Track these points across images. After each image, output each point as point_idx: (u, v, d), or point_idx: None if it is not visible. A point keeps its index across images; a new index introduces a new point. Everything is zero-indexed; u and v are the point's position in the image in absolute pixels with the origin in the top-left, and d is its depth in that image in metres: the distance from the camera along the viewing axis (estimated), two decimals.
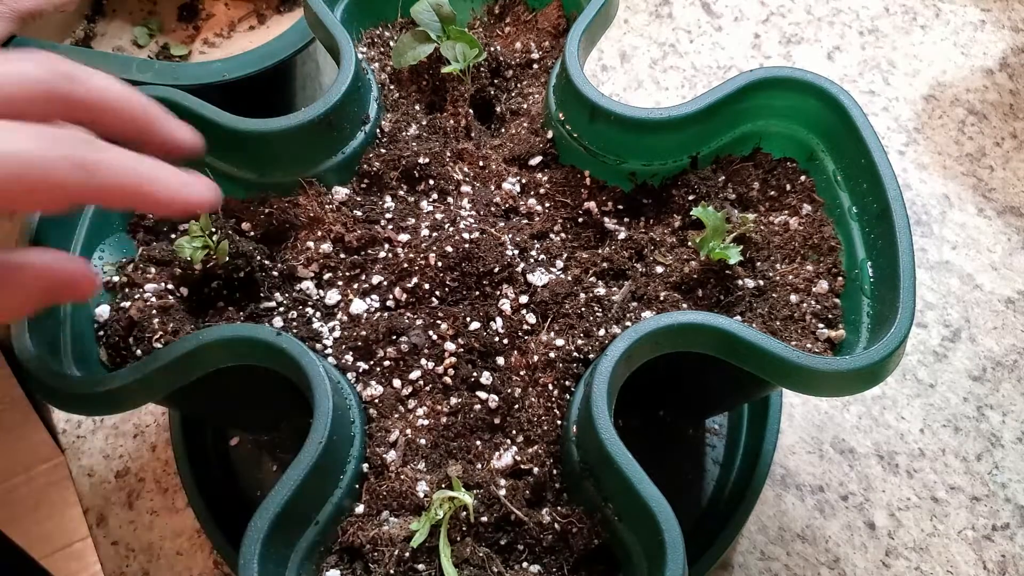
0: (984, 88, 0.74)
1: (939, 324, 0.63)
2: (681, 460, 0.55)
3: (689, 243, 0.45)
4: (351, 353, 0.42)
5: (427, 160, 0.47)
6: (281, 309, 0.44)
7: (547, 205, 0.48)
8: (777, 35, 0.78)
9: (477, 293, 0.44)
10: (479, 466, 0.40)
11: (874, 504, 0.56)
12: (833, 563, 0.54)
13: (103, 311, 0.41)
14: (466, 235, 0.44)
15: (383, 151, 0.48)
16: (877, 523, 0.56)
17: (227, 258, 0.42)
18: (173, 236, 0.45)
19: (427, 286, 0.44)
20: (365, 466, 0.39)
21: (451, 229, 0.45)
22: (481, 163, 0.49)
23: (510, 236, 0.45)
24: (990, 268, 0.65)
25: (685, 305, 0.43)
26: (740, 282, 0.43)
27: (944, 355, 0.62)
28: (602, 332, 0.42)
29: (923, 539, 0.55)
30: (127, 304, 0.41)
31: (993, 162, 0.70)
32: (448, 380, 0.42)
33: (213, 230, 0.43)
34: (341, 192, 0.46)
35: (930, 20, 0.79)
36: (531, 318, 0.43)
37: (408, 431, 0.40)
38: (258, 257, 0.44)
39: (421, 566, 0.36)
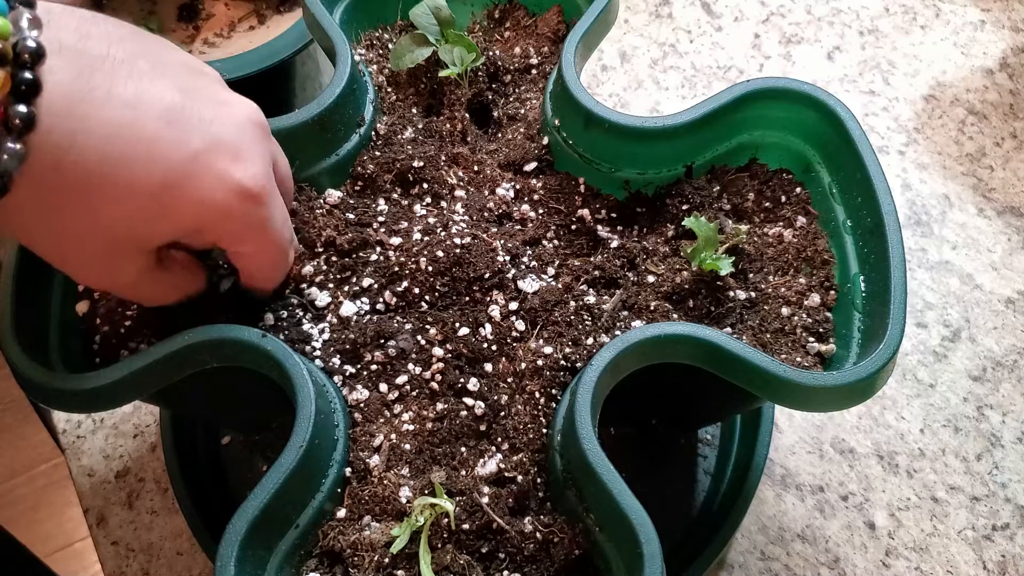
0: (984, 88, 0.74)
1: (939, 324, 0.63)
2: (672, 470, 0.55)
3: (681, 253, 0.44)
4: (339, 356, 0.42)
5: (422, 164, 0.47)
6: (271, 308, 0.44)
7: (540, 211, 0.47)
8: (777, 35, 0.78)
9: (467, 298, 0.44)
10: (463, 473, 0.40)
11: (874, 504, 0.56)
12: (833, 563, 0.54)
13: (83, 306, 0.41)
14: (457, 240, 0.44)
15: (377, 154, 0.48)
16: (877, 523, 0.55)
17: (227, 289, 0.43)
18: None
19: (417, 290, 0.43)
20: (348, 470, 0.39)
21: (443, 234, 0.44)
22: (476, 168, 0.49)
23: (502, 242, 0.45)
24: (990, 268, 0.65)
25: (675, 315, 0.43)
26: (732, 293, 0.43)
27: (944, 355, 0.62)
28: (590, 341, 0.42)
29: (923, 539, 0.55)
30: (104, 300, 0.41)
31: (993, 162, 0.70)
32: (435, 386, 0.42)
33: (225, 265, 0.43)
34: (334, 195, 0.46)
35: (930, 20, 0.79)
36: (520, 325, 0.43)
37: (393, 436, 0.40)
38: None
39: (401, 572, 0.36)
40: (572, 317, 0.43)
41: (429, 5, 0.51)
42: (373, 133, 0.49)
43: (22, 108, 0.28)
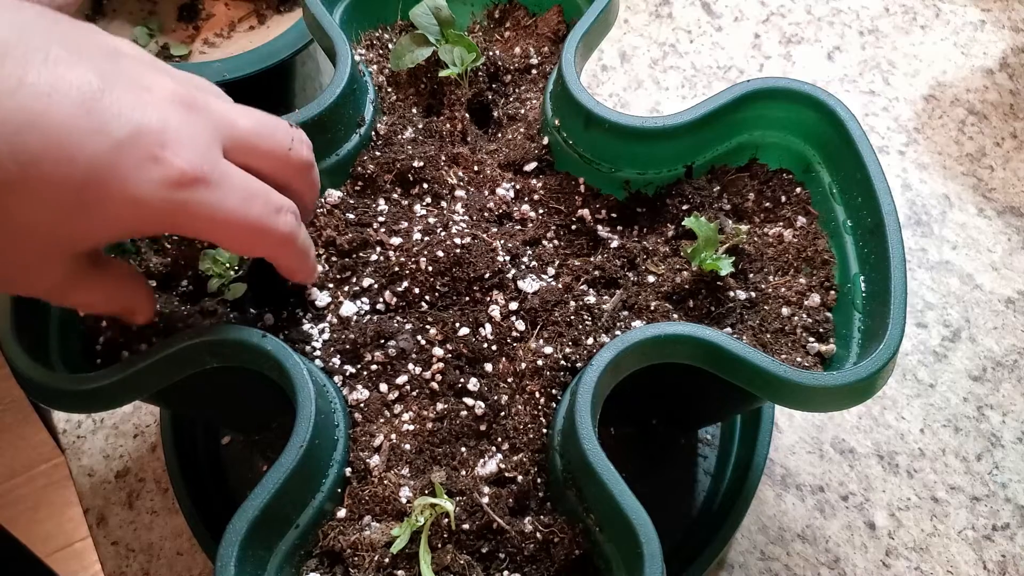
0: (984, 88, 0.74)
1: (939, 324, 0.63)
2: (672, 470, 0.55)
3: (682, 253, 0.44)
4: (339, 356, 0.42)
5: (422, 164, 0.47)
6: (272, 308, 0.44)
7: (541, 211, 0.47)
8: (777, 35, 0.78)
9: (467, 298, 0.44)
10: (463, 473, 0.40)
11: (874, 504, 0.56)
12: (833, 563, 0.54)
13: None
14: (458, 240, 0.44)
15: (378, 154, 0.48)
16: (877, 523, 0.55)
17: (237, 296, 0.43)
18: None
19: (417, 290, 0.44)
20: (348, 470, 0.39)
21: (443, 234, 0.44)
22: (476, 168, 0.49)
23: (502, 242, 0.45)
24: (990, 268, 0.65)
25: (676, 316, 0.43)
26: (732, 294, 0.43)
27: (944, 355, 0.62)
28: (590, 341, 0.42)
29: (923, 539, 0.55)
30: None
31: (993, 162, 0.70)
32: (435, 386, 0.42)
33: (237, 268, 0.43)
34: (334, 195, 0.46)
35: (930, 20, 0.79)
36: (520, 325, 0.43)
37: (393, 436, 0.40)
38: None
39: (401, 572, 0.36)
40: (572, 317, 0.43)
41: (429, 5, 0.50)
42: (373, 133, 0.49)
43: None
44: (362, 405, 0.41)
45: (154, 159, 0.30)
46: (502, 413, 0.41)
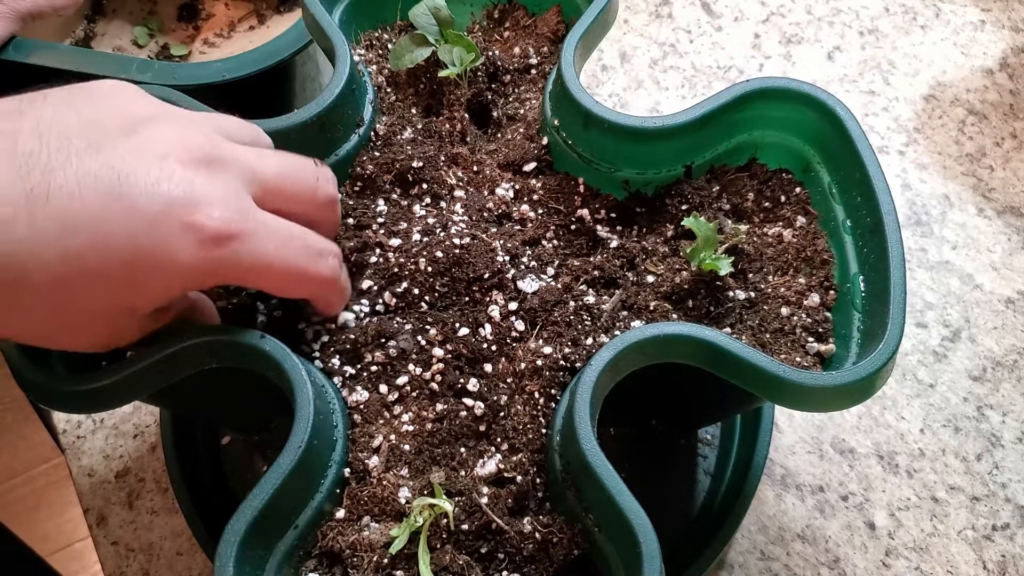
0: (984, 88, 0.74)
1: (939, 324, 0.63)
2: (672, 470, 0.55)
3: (681, 253, 0.44)
4: (338, 357, 0.42)
5: (421, 164, 0.47)
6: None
7: (540, 211, 0.47)
8: (777, 35, 0.78)
9: (467, 299, 0.44)
10: (462, 473, 0.40)
11: (874, 504, 0.56)
12: (833, 563, 0.54)
13: None
14: (457, 240, 0.44)
15: (377, 154, 0.48)
16: (877, 523, 0.55)
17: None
18: None
19: (417, 291, 0.44)
20: (347, 471, 0.39)
21: (442, 234, 0.44)
22: (475, 168, 0.49)
23: (501, 242, 0.45)
24: (990, 268, 0.65)
25: (675, 316, 0.43)
26: (731, 293, 0.43)
27: (944, 355, 0.62)
28: (590, 341, 0.42)
29: (923, 539, 0.55)
30: None
31: (993, 162, 0.70)
32: (435, 386, 0.42)
33: None
34: None
35: (930, 20, 0.79)
36: (520, 325, 0.43)
37: (392, 437, 0.40)
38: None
39: (400, 572, 0.36)
40: (571, 317, 0.43)
41: (428, 5, 0.51)
42: (372, 133, 0.49)
43: None
44: (361, 406, 0.41)
45: (188, 227, 0.32)
46: (501, 413, 0.41)
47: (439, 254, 0.43)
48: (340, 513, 0.38)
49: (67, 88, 0.33)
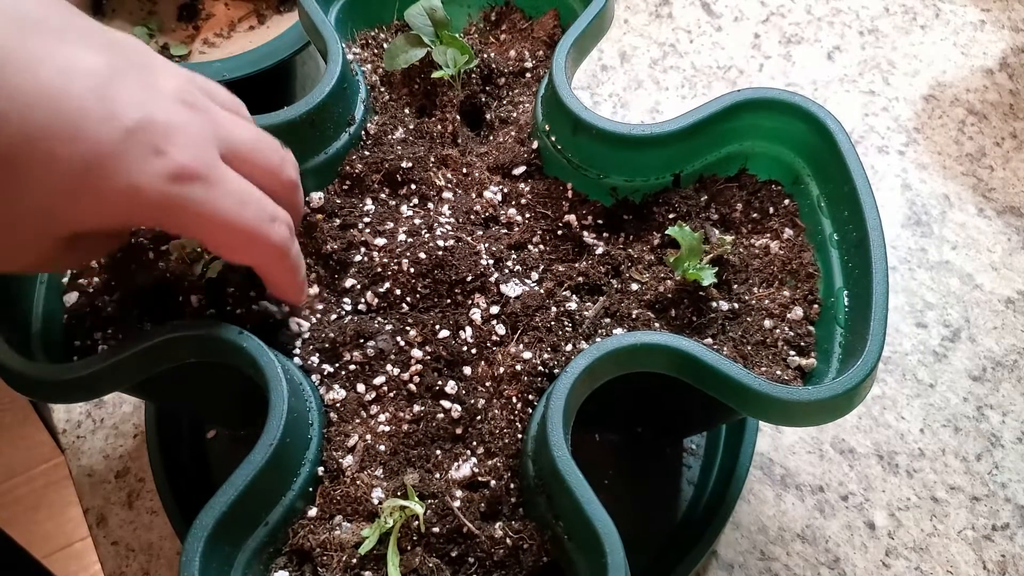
0: (984, 88, 0.74)
1: (939, 324, 0.62)
2: (656, 479, 0.55)
3: (666, 262, 0.44)
4: (317, 355, 0.42)
5: (410, 164, 0.47)
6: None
7: (527, 216, 0.47)
8: (777, 35, 0.78)
9: (448, 301, 0.44)
10: (437, 476, 0.40)
11: (874, 504, 0.56)
12: (833, 563, 0.54)
13: (71, 297, 0.41)
14: (441, 242, 0.44)
15: (367, 153, 0.48)
16: (877, 523, 0.55)
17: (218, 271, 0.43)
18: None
19: (399, 292, 0.43)
20: (321, 469, 0.39)
21: (427, 235, 0.44)
22: (465, 170, 0.48)
23: (486, 245, 0.45)
24: (990, 268, 0.65)
25: (657, 324, 0.42)
26: (714, 304, 0.43)
27: (944, 355, 0.61)
28: (569, 347, 0.42)
29: (923, 539, 0.55)
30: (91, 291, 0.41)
31: (993, 162, 0.70)
32: (412, 387, 0.42)
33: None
34: (315, 197, 0.46)
35: (930, 20, 0.78)
36: (500, 329, 0.43)
37: (368, 437, 0.40)
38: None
39: (368, 573, 0.36)
40: (553, 323, 0.43)
41: (424, 6, 0.50)
42: (363, 132, 0.49)
43: None
44: (338, 405, 0.41)
45: (157, 151, 0.31)
46: (478, 417, 0.41)
47: (422, 255, 0.43)
48: (312, 511, 0.38)
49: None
